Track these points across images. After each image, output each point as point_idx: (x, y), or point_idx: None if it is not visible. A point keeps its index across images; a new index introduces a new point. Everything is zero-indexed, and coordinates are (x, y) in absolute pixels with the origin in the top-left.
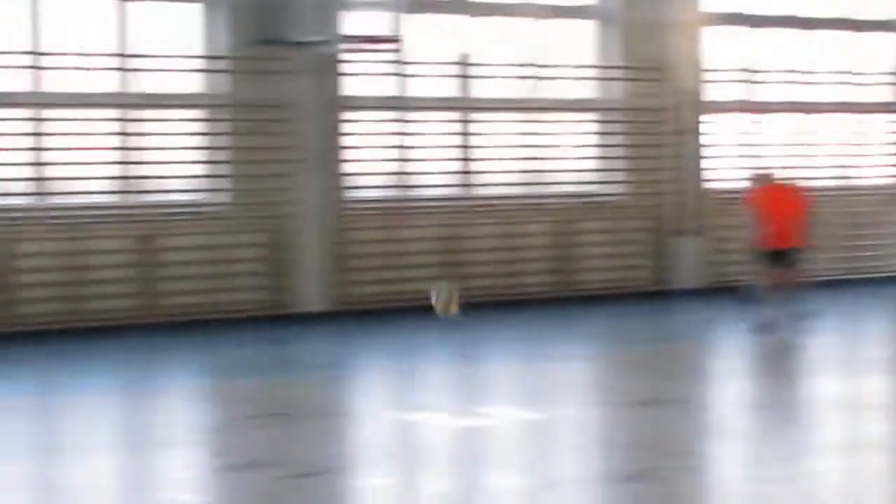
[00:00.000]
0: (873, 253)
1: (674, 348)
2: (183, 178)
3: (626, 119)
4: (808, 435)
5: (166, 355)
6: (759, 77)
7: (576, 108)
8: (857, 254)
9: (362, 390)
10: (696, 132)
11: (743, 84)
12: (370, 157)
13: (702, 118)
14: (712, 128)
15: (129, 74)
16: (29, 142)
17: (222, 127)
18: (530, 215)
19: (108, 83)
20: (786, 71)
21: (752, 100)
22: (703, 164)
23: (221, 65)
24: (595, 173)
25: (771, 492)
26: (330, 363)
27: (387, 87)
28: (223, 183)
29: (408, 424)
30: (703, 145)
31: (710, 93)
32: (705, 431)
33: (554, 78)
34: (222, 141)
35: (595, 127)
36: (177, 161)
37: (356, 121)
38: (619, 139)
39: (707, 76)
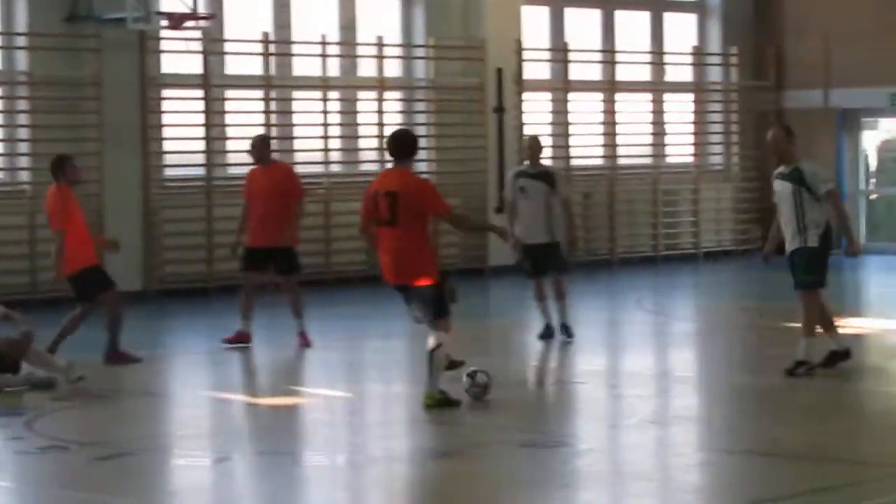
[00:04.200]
0: (680, 230)
1: (491, 325)
2: None
3: (436, 98)
4: None
5: None
6: (571, 56)
7: (390, 86)
8: (668, 231)
9: (179, 371)
10: (513, 110)
11: (557, 63)
12: (184, 136)
13: (519, 96)
14: (529, 106)
15: None
16: None
17: (26, 105)
18: (346, 194)
19: None
20: (596, 50)
21: (566, 78)
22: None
23: (25, 42)
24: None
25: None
26: (146, 343)
27: (199, 65)
28: (26, 162)
29: (223, 404)
30: (523, 123)
31: (527, 71)
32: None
33: (363, 56)
34: (25, 119)
35: (405, 106)
36: None
37: (169, 98)
38: (428, 117)
39: (524, 54)
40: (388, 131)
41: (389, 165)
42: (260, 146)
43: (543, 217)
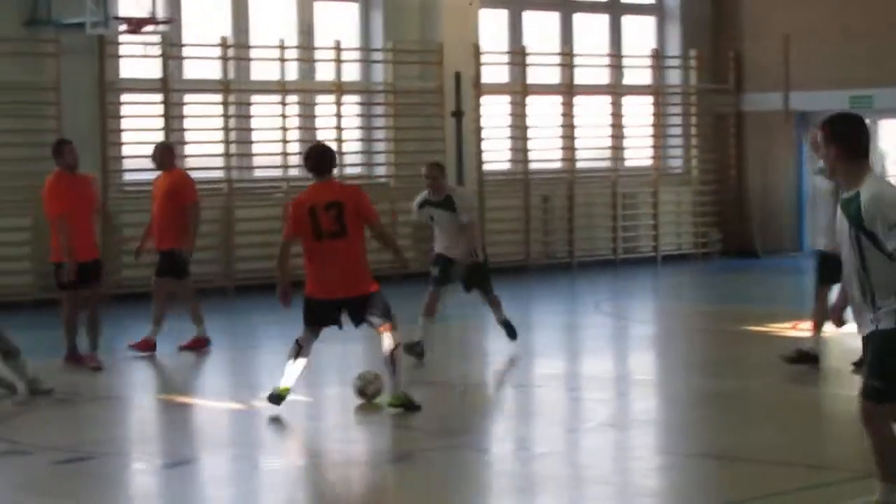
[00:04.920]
0: (639, 234)
1: (450, 326)
2: None
3: (394, 101)
4: None
5: None
6: (530, 59)
7: (348, 90)
8: (627, 234)
9: (136, 375)
10: (472, 114)
11: (515, 66)
12: (143, 140)
13: (478, 100)
14: (487, 109)
15: None
16: None
17: None
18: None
19: None
20: (554, 53)
21: (524, 81)
22: (481, 146)
23: None
24: (363, 155)
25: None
26: (105, 346)
27: (158, 70)
28: None
29: (181, 408)
30: (481, 127)
31: (485, 74)
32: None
33: (321, 60)
34: None
35: (364, 109)
36: None
37: (128, 103)
38: (387, 121)
39: (482, 58)
40: (346, 135)
41: (348, 171)
42: (161, 153)
43: (458, 241)
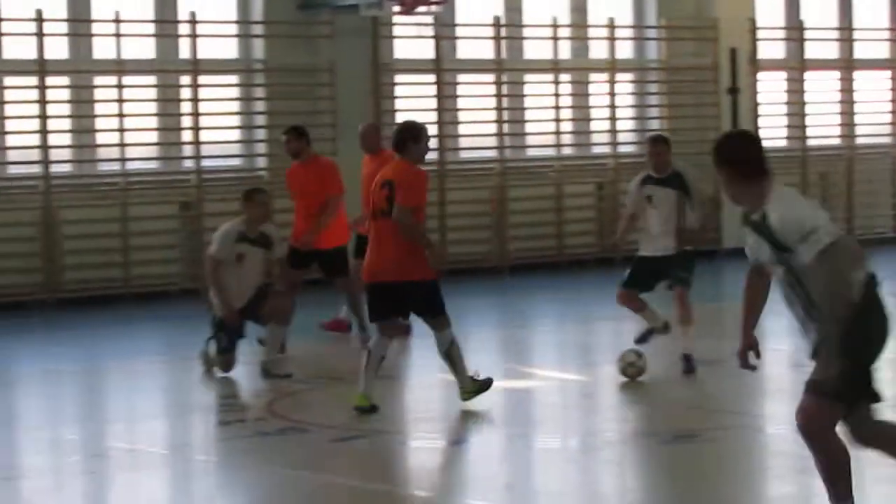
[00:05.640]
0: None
1: (724, 307)
2: (221, 144)
3: (668, 79)
4: None
5: None
6: (807, 35)
7: (622, 68)
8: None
9: (414, 355)
10: (747, 90)
11: (792, 41)
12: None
13: (754, 76)
14: (764, 86)
15: (170, 41)
16: (67, 110)
17: (262, 92)
18: (578, 176)
19: (148, 49)
20: (833, 28)
21: (802, 57)
22: (757, 123)
23: (261, 30)
24: (636, 134)
25: None
26: None
27: (431, 50)
28: (262, 148)
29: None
30: (758, 104)
31: (761, 50)
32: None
33: (594, 38)
34: (261, 106)
35: (637, 87)
36: (215, 127)
37: (401, 84)
38: (661, 99)
39: (758, 33)
40: (620, 114)
41: (622, 149)
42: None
43: (671, 225)
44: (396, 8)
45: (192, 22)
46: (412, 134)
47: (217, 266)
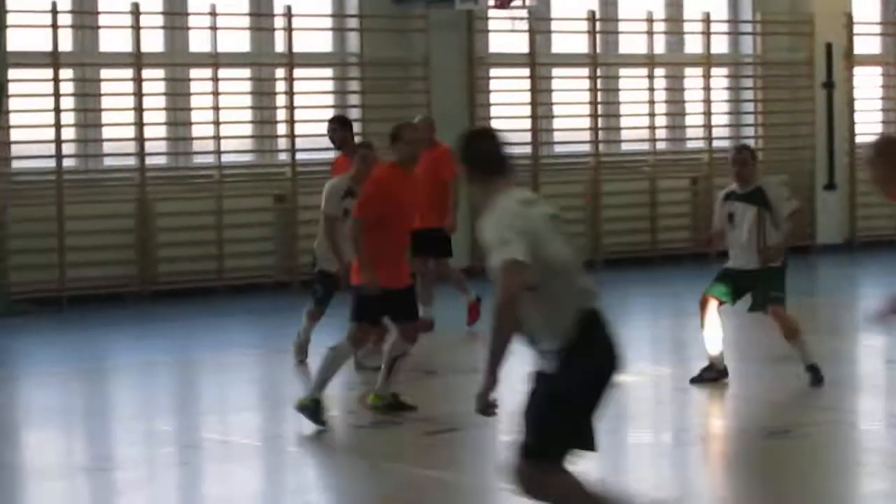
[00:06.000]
0: None
1: (818, 303)
2: (315, 137)
3: (763, 74)
4: None
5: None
6: None
7: (717, 63)
8: None
9: None
10: (843, 85)
11: (888, 36)
12: (511, 115)
13: (849, 71)
14: (859, 81)
15: (265, 34)
16: (162, 102)
17: (356, 85)
18: (672, 171)
19: (243, 42)
20: None
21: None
22: (853, 118)
23: (355, 24)
24: (731, 129)
25: None
26: None
27: (525, 44)
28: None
29: None
30: (853, 99)
31: (857, 45)
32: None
33: (689, 33)
34: (355, 100)
35: (732, 82)
36: (309, 120)
37: (496, 77)
38: (755, 94)
39: (854, 28)
40: (714, 108)
41: (717, 144)
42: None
43: (755, 244)
44: (491, 1)
45: (288, 15)
46: (393, 132)
47: (333, 223)
